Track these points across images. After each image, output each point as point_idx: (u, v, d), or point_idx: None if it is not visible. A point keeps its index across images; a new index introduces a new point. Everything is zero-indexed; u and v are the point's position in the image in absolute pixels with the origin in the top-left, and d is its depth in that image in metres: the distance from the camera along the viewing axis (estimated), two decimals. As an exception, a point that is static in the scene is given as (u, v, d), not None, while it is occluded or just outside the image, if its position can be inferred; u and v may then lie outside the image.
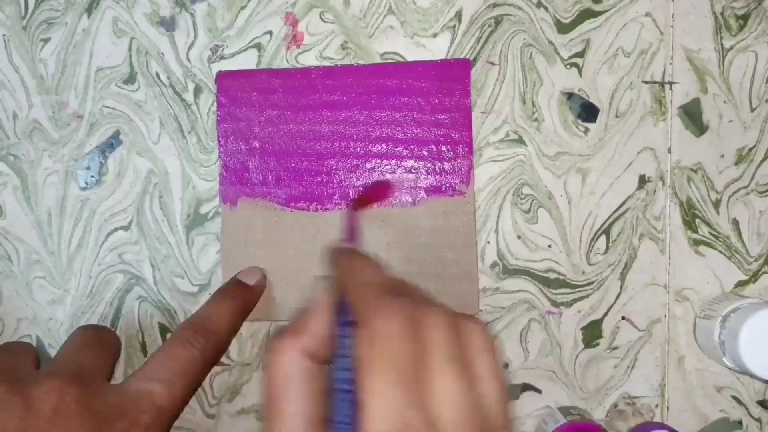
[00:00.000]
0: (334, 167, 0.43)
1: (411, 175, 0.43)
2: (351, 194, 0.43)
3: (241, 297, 0.40)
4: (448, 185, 0.42)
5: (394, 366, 0.23)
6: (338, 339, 0.27)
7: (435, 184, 0.42)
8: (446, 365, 0.23)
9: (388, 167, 0.43)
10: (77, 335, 0.38)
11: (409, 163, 0.43)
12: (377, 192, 0.42)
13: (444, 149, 0.42)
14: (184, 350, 0.36)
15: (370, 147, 0.43)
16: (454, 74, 0.42)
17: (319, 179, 0.43)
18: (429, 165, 0.43)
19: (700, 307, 0.42)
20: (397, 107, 0.43)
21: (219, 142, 0.43)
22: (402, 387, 0.22)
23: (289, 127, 0.43)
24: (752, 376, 0.38)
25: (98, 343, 0.37)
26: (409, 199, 0.43)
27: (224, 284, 0.41)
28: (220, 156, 0.43)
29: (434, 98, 0.42)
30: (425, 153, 0.43)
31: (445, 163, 0.42)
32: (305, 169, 0.43)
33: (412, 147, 0.43)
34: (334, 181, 0.43)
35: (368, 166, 0.43)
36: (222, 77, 0.43)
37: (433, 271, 0.42)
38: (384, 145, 0.43)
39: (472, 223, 0.42)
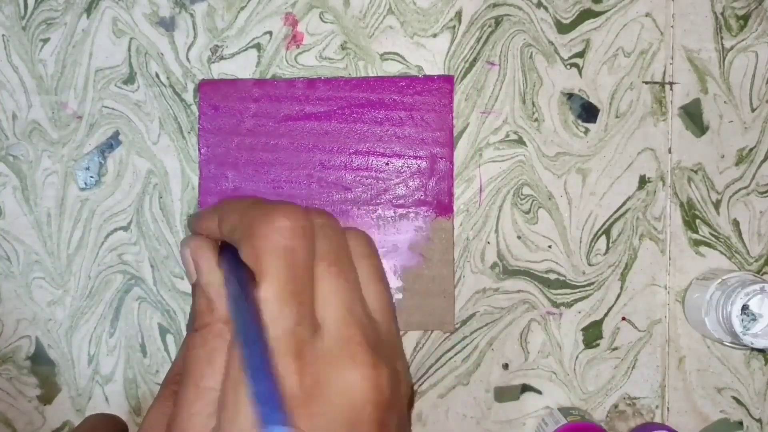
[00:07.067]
0: (314, 179, 0.43)
1: (390, 190, 0.42)
2: (330, 208, 0.42)
3: None
4: (427, 201, 0.42)
5: (286, 272, 0.23)
6: (227, 263, 0.26)
7: (415, 199, 0.42)
8: (332, 268, 0.24)
9: (368, 181, 0.43)
10: (86, 424, 0.40)
11: (389, 177, 0.43)
12: None
13: (424, 165, 0.42)
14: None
15: (350, 160, 0.43)
16: (437, 90, 0.42)
17: (298, 191, 0.43)
18: (409, 180, 0.42)
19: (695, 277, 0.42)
20: (379, 121, 0.42)
21: (200, 151, 0.43)
22: (292, 300, 0.23)
23: (270, 137, 0.43)
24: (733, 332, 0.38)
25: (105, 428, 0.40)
26: (390, 213, 0.42)
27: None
28: (199, 165, 0.43)
29: (417, 114, 0.42)
30: (406, 168, 0.42)
31: (425, 179, 0.42)
32: (285, 180, 0.43)
33: (392, 162, 0.42)
34: (314, 193, 0.43)
35: (348, 179, 0.43)
36: (204, 86, 0.43)
37: (410, 287, 0.42)
38: (365, 159, 0.43)
39: (451, 240, 0.42)
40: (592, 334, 0.42)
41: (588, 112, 0.42)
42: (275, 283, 0.23)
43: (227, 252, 0.26)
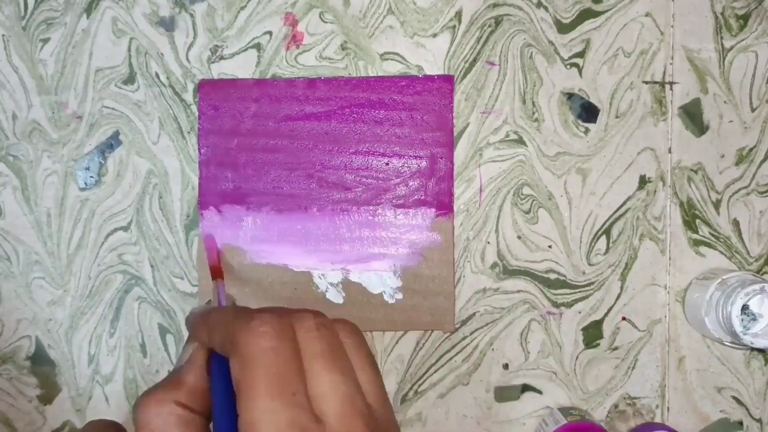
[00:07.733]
0: (314, 179, 0.43)
1: (390, 190, 0.42)
2: (330, 207, 0.42)
3: None
4: (427, 201, 0.42)
5: (272, 378, 0.23)
6: (213, 377, 0.26)
7: (415, 199, 0.42)
8: (320, 363, 0.24)
9: (368, 181, 0.43)
10: (87, 428, 0.41)
11: (389, 177, 0.43)
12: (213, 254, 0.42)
13: (424, 165, 0.42)
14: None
15: (350, 160, 0.43)
16: (437, 90, 0.42)
17: (298, 191, 0.43)
18: (409, 180, 0.42)
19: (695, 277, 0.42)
20: (379, 121, 0.42)
21: (200, 151, 0.43)
22: (284, 395, 0.23)
23: (270, 137, 0.43)
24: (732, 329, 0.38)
25: None
26: (390, 213, 0.42)
27: None
28: (199, 165, 0.43)
29: (417, 114, 0.42)
30: (406, 168, 0.42)
31: (425, 179, 0.42)
32: (285, 180, 0.43)
33: (392, 162, 0.42)
34: (314, 193, 0.43)
35: (348, 179, 0.43)
36: (204, 86, 0.43)
37: (410, 286, 0.42)
38: (365, 159, 0.43)
39: (451, 240, 0.42)
40: (592, 334, 0.42)
41: (588, 112, 0.42)
42: (263, 386, 0.23)
43: (217, 361, 0.27)
